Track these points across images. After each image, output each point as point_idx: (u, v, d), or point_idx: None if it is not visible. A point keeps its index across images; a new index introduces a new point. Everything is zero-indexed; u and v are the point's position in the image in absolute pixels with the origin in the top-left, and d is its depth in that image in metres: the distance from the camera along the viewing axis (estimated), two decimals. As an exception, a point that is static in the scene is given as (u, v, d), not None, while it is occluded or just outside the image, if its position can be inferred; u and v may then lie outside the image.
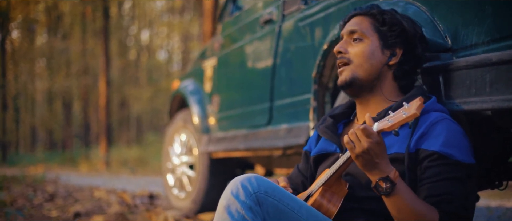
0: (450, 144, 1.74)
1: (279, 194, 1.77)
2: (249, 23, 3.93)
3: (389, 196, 1.68)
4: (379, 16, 1.95)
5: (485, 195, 5.96)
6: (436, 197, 1.70)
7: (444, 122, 1.78)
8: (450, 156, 1.72)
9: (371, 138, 1.63)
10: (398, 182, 1.67)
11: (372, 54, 1.92)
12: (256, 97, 3.74)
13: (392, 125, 1.58)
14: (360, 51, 1.93)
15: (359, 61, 1.92)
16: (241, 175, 1.80)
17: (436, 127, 1.76)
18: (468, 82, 1.85)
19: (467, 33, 1.93)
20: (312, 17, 3.05)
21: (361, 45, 1.93)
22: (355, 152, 1.66)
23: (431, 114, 1.81)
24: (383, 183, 1.66)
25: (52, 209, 5.07)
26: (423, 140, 1.76)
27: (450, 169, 1.71)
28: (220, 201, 1.77)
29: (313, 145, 2.18)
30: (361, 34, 1.94)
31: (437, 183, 1.71)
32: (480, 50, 1.87)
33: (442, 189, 1.70)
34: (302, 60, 3.18)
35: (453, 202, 1.69)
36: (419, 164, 1.76)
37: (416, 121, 1.79)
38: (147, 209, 5.10)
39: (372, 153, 1.64)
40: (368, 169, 1.68)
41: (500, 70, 1.74)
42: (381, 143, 1.65)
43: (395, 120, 1.58)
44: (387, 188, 1.66)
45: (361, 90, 1.94)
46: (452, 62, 1.91)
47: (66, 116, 29.87)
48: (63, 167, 19.11)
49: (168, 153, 5.04)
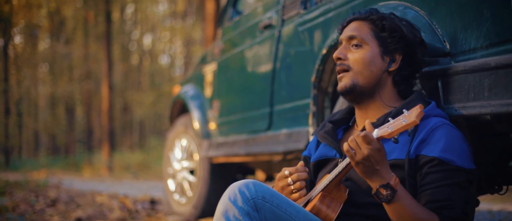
0: (450, 149, 1.73)
1: (277, 199, 1.76)
2: (249, 28, 3.93)
3: (390, 203, 1.67)
4: (378, 22, 1.93)
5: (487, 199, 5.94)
6: (436, 203, 1.69)
7: (444, 127, 1.77)
8: (450, 161, 1.71)
9: (371, 145, 1.62)
10: (398, 188, 1.66)
11: (372, 61, 1.91)
12: (256, 102, 3.73)
13: (391, 132, 1.58)
14: (360, 58, 1.91)
15: (358, 68, 1.91)
16: (238, 181, 1.79)
17: (436, 133, 1.76)
18: (466, 86, 1.84)
19: (466, 37, 1.92)
20: (311, 22, 3.05)
21: (361, 52, 1.92)
22: (356, 159, 1.66)
23: (431, 120, 1.80)
24: (383, 190, 1.65)
25: (54, 214, 5.07)
26: (423, 146, 1.76)
27: (451, 175, 1.70)
28: (218, 207, 1.77)
29: (313, 151, 2.18)
30: (360, 40, 1.93)
31: (437, 189, 1.70)
32: (478, 55, 1.86)
33: (443, 195, 1.69)
34: (301, 65, 3.17)
35: (454, 208, 1.68)
36: (419, 170, 1.75)
37: (416, 127, 1.78)
38: (148, 214, 5.10)
39: (372, 160, 1.64)
40: (369, 176, 1.67)
41: (499, 74, 1.73)
42: (381, 150, 1.64)
43: (394, 127, 1.57)
44: (387, 195, 1.65)
45: (361, 96, 1.93)
46: (451, 66, 1.91)
47: (68, 121, 29.90)
48: (66, 172, 19.11)
49: (168, 158, 5.04)
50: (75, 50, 27.91)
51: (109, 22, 21.16)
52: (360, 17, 1.98)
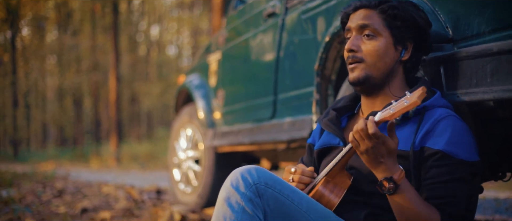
0: (455, 142, 1.72)
1: (280, 185, 1.76)
2: (253, 17, 3.91)
3: (392, 195, 1.67)
4: (390, 11, 1.87)
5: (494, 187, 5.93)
6: (439, 199, 1.68)
7: (449, 119, 1.75)
8: (455, 155, 1.70)
9: (375, 138, 1.61)
10: (402, 182, 1.65)
11: (386, 52, 1.86)
12: (260, 91, 3.73)
13: (393, 113, 1.57)
14: (374, 49, 1.86)
15: (372, 59, 1.86)
16: (241, 167, 1.79)
17: (440, 125, 1.74)
18: (469, 72, 1.83)
19: (468, 23, 1.90)
20: (314, 10, 3.03)
21: (374, 43, 1.86)
22: (360, 150, 1.65)
23: (436, 111, 1.78)
24: (386, 182, 1.65)
25: (60, 205, 5.10)
26: (428, 137, 1.74)
27: (455, 169, 1.69)
28: (220, 193, 1.77)
29: (317, 138, 2.16)
30: (373, 30, 1.87)
31: (440, 185, 1.69)
32: (481, 40, 1.85)
33: (446, 191, 1.68)
34: (305, 52, 3.16)
35: (456, 205, 1.68)
36: (423, 162, 1.74)
37: (421, 118, 1.78)
38: (154, 204, 5.11)
39: (376, 152, 1.63)
40: (373, 166, 1.67)
41: (501, 60, 1.72)
42: (386, 142, 1.62)
43: (396, 109, 1.57)
44: (390, 188, 1.65)
45: (373, 87, 1.89)
46: (453, 53, 1.89)
47: (76, 113, 30.02)
48: (74, 163, 19.20)
49: (174, 148, 5.05)
50: (83, 42, 27.97)
51: (117, 13, 21.17)
52: (370, 6, 1.90)
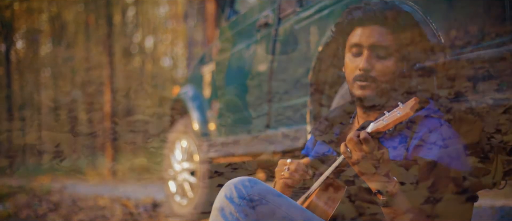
0: (447, 152, 1.72)
1: (273, 196, 1.76)
2: (246, 27, 3.92)
3: (385, 207, 1.66)
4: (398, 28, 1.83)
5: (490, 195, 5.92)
6: (430, 210, 1.69)
7: (442, 129, 1.76)
8: (447, 165, 1.70)
9: (369, 149, 1.60)
10: (396, 194, 1.65)
11: (397, 69, 1.84)
12: (254, 101, 3.72)
13: (386, 124, 1.57)
14: (389, 70, 1.83)
15: (385, 79, 1.83)
16: (235, 178, 1.79)
17: (433, 134, 1.74)
18: (461, 81, 1.84)
19: (460, 31, 1.91)
20: (307, 20, 3.04)
21: (388, 63, 1.83)
22: (352, 160, 1.64)
23: (429, 121, 1.78)
24: (379, 195, 1.65)
25: (56, 218, 5.07)
26: (421, 148, 1.74)
27: (447, 180, 1.70)
28: (214, 204, 1.78)
29: (311, 149, 2.17)
30: (386, 50, 1.83)
31: (432, 195, 1.69)
32: (472, 48, 1.85)
33: (438, 202, 1.68)
34: (298, 63, 3.16)
35: (448, 217, 1.68)
36: (416, 172, 1.74)
37: (414, 128, 1.77)
38: (150, 217, 5.09)
39: (369, 163, 1.62)
40: (366, 177, 1.66)
41: (493, 68, 1.73)
42: (379, 153, 1.61)
43: (389, 120, 1.57)
44: (383, 201, 1.65)
45: (377, 104, 1.89)
46: (445, 61, 1.90)
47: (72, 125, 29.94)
48: (69, 176, 19.10)
49: (169, 160, 5.03)
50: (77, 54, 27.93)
51: (111, 25, 21.14)
52: (379, 22, 1.85)
